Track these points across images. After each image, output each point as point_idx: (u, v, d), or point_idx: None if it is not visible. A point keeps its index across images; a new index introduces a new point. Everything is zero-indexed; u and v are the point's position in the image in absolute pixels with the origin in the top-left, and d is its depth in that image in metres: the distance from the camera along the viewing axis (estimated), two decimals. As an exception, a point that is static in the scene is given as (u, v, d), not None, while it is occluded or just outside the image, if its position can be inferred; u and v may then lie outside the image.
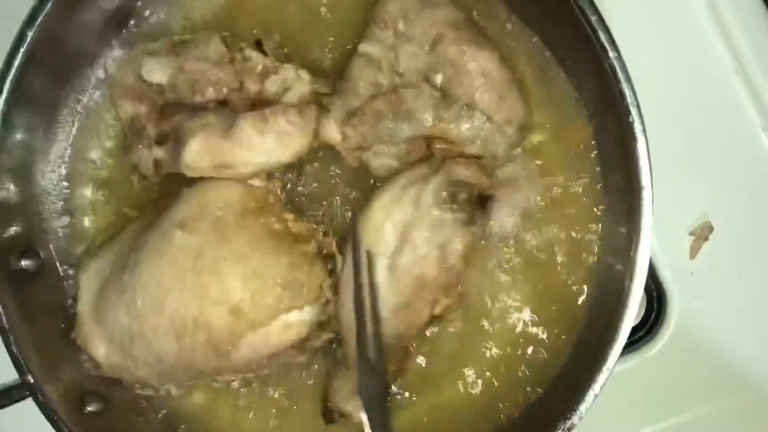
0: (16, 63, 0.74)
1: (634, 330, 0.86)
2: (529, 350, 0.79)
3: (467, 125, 0.74)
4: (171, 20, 0.82)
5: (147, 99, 0.77)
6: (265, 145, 0.75)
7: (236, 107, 0.77)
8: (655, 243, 0.85)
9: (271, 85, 0.77)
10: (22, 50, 0.74)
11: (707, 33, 0.86)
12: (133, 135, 0.78)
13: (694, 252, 0.85)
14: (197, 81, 0.77)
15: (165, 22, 0.83)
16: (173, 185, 0.79)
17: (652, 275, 0.86)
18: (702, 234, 0.85)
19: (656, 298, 0.86)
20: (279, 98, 0.77)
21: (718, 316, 0.86)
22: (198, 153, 0.74)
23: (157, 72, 0.77)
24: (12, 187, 0.78)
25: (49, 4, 0.74)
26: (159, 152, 0.76)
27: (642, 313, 0.87)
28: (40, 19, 0.74)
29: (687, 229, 0.86)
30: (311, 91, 0.78)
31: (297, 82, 0.78)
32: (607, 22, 0.71)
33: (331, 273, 0.78)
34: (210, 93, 0.77)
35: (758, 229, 0.86)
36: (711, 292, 0.86)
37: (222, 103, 0.77)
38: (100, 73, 0.83)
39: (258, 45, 0.78)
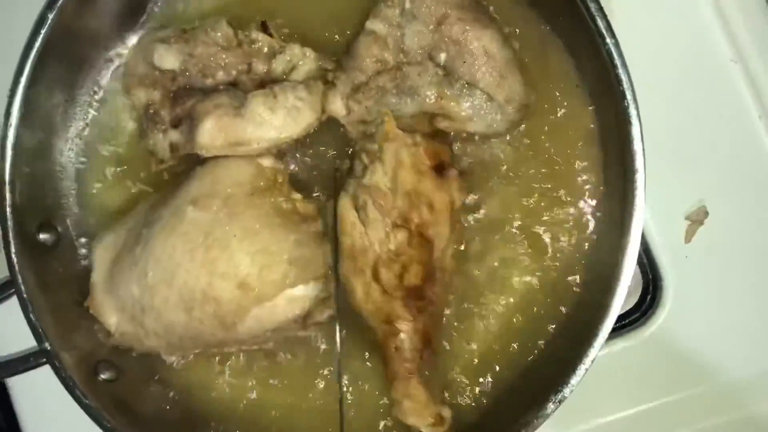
0: (37, 44, 0.78)
1: (630, 312, 0.89)
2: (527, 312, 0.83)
3: (468, 103, 0.77)
4: (184, 7, 0.86)
5: (160, 85, 0.80)
6: (276, 120, 0.78)
7: (246, 87, 0.80)
8: (652, 227, 0.87)
9: (278, 65, 0.80)
10: (42, 32, 0.78)
11: (706, 20, 0.87)
12: (149, 121, 0.81)
13: (689, 236, 0.87)
14: (207, 65, 0.80)
15: (177, 9, 0.86)
16: (187, 164, 0.82)
17: (648, 258, 0.88)
18: (697, 218, 0.87)
19: (651, 281, 0.88)
20: (287, 76, 0.81)
21: (713, 300, 0.88)
22: (212, 132, 0.77)
23: (169, 58, 0.80)
24: (32, 163, 0.82)
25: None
26: (174, 135, 0.79)
27: (638, 295, 0.89)
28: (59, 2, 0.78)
29: (683, 213, 0.87)
30: (317, 68, 0.81)
31: (303, 60, 0.81)
32: (607, 10, 0.73)
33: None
34: (220, 76, 0.80)
35: (753, 214, 0.87)
36: (706, 275, 0.88)
37: (232, 85, 0.81)
38: (116, 59, 0.86)
39: (263, 27, 0.81)
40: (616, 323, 0.75)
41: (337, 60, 0.81)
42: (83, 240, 0.87)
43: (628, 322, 0.89)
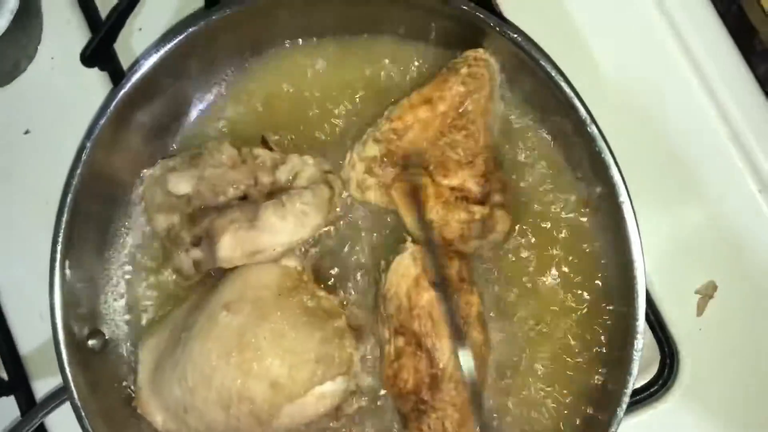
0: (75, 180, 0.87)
1: (648, 385, 0.92)
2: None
3: None
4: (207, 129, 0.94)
5: (177, 209, 0.88)
6: (287, 227, 0.84)
7: (256, 199, 0.87)
8: (665, 301, 0.90)
9: (282, 174, 0.87)
10: (79, 168, 0.86)
11: (701, 103, 0.91)
12: (171, 243, 0.88)
13: (700, 309, 0.90)
14: (217, 184, 0.87)
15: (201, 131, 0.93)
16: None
17: (663, 332, 0.91)
18: (707, 293, 0.90)
19: (668, 354, 0.91)
20: (291, 183, 0.87)
21: (728, 369, 0.90)
22: (230, 246, 0.84)
23: (182, 184, 0.87)
24: (80, 278, 0.89)
25: (104, 118, 0.86)
26: (196, 253, 0.86)
27: (655, 369, 0.92)
28: (96, 132, 0.86)
29: (693, 288, 0.90)
30: (318, 171, 0.88)
31: (303, 167, 0.88)
32: (597, 94, 0.81)
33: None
34: (231, 192, 0.87)
35: (760, 286, 0.90)
36: (720, 346, 0.90)
37: (243, 198, 0.87)
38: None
39: (264, 142, 0.89)
40: (636, 396, 0.79)
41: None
42: (128, 344, 0.93)
43: (647, 394, 0.91)
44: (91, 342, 0.90)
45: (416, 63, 0.90)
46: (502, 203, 0.82)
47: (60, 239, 0.85)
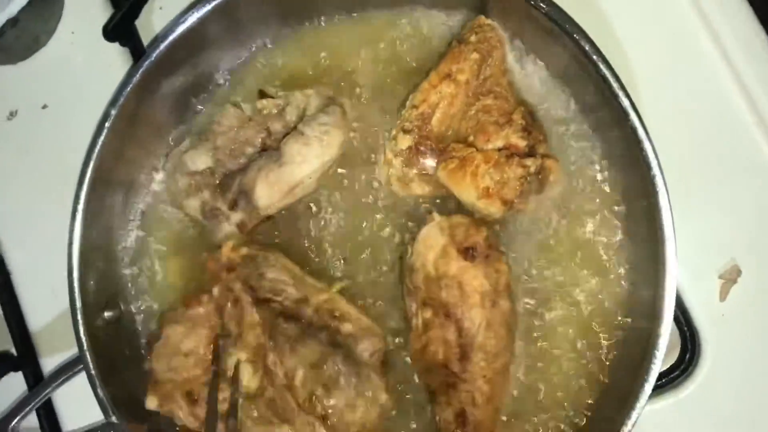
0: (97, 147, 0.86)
1: (671, 369, 0.91)
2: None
3: None
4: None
5: (203, 186, 0.87)
6: (313, 151, 0.84)
7: (276, 147, 0.86)
8: (687, 287, 0.90)
9: (290, 115, 0.87)
10: (103, 133, 0.86)
11: (727, 89, 0.91)
12: (211, 218, 0.87)
13: (723, 294, 0.89)
14: (234, 147, 0.87)
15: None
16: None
17: (685, 317, 0.90)
18: (731, 277, 0.89)
19: (690, 338, 0.90)
20: (302, 118, 0.87)
21: (751, 355, 0.89)
22: (267, 192, 0.84)
23: (199, 160, 0.87)
24: (96, 252, 0.89)
25: (130, 86, 0.85)
26: (237, 216, 0.85)
27: (677, 354, 0.91)
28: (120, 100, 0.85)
29: (716, 272, 0.90)
30: (323, 99, 0.87)
31: (307, 100, 0.87)
32: (631, 85, 0.79)
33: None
34: (249, 150, 0.87)
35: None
36: (742, 332, 0.89)
37: (263, 151, 0.87)
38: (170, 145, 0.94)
39: (262, 95, 0.89)
40: (657, 381, 0.78)
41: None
42: (142, 316, 0.92)
43: (668, 380, 0.90)
44: (106, 314, 0.89)
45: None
46: (548, 154, 0.81)
47: (80, 206, 0.85)
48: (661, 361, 0.76)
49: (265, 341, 0.81)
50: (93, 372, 0.84)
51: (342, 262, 0.89)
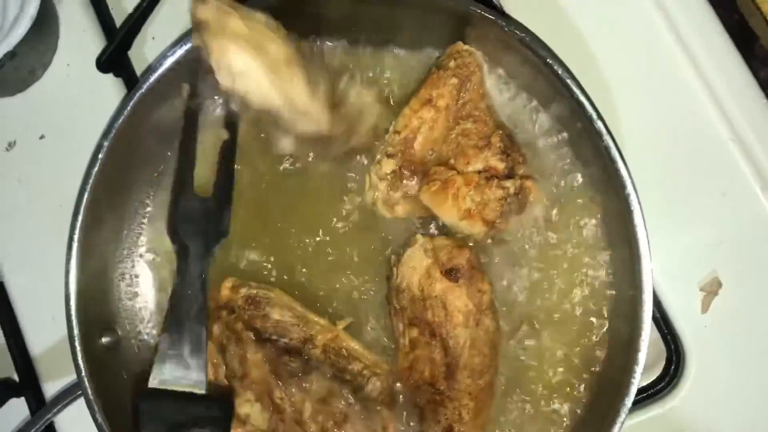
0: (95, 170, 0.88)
1: (656, 381, 0.92)
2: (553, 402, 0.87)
3: None
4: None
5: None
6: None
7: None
8: (669, 299, 0.92)
9: None
10: (99, 159, 0.88)
11: (703, 106, 0.93)
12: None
13: (705, 306, 0.91)
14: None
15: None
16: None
17: (669, 329, 0.92)
18: (712, 289, 0.91)
19: (675, 351, 0.92)
20: None
21: (734, 367, 0.91)
22: None
23: None
24: (93, 277, 0.91)
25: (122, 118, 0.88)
26: None
27: (661, 366, 0.92)
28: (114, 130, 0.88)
29: (698, 284, 0.92)
30: None
31: None
32: (607, 100, 0.82)
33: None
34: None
35: (764, 282, 0.92)
36: (725, 342, 0.91)
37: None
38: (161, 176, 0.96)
39: None
40: (640, 394, 0.80)
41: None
42: (141, 339, 0.95)
43: (654, 392, 0.92)
44: (104, 339, 0.91)
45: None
46: (527, 175, 0.84)
47: (76, 235, 0.87)
48: (639, 375, 0.78)
49: (270, 378, 0.83)
50: (91, 397, 0.86)
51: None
